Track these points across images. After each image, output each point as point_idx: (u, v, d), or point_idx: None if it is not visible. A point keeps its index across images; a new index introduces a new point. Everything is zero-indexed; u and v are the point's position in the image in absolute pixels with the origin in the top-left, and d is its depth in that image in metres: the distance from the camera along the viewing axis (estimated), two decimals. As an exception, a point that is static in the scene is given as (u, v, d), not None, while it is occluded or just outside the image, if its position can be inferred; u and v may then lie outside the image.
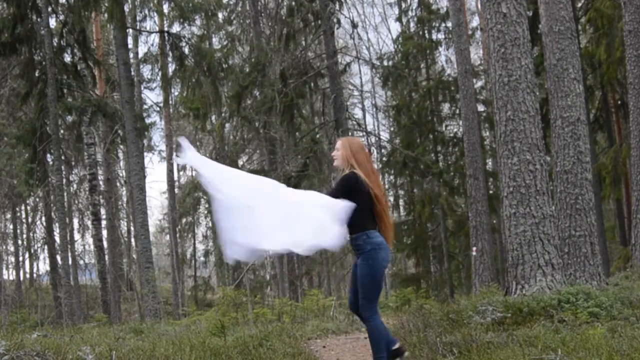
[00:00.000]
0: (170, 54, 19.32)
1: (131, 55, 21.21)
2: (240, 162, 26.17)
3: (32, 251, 29.77)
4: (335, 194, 4.43)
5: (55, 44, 17.21)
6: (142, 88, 25.45)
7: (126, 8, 18.03)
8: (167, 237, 31.84)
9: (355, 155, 4.61)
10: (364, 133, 26.12)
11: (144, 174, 18.10)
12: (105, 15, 17.94)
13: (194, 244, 31.05)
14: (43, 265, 39.49)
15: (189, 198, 27.50)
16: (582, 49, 17.73)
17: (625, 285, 8.85)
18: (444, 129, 24.09)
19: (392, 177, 25.52)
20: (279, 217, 4.33)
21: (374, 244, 4.48)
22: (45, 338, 6.18)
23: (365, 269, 4.49)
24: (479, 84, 23.54)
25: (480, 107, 21.92)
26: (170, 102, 23.18)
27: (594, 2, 18.40)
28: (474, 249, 15.54)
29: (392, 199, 27.12)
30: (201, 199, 28.09)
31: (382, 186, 4.71)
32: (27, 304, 24.63)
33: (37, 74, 17.43)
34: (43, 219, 26.09)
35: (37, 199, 25.67)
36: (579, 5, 20.17)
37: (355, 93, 30.85)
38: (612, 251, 22.28)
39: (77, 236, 26.88)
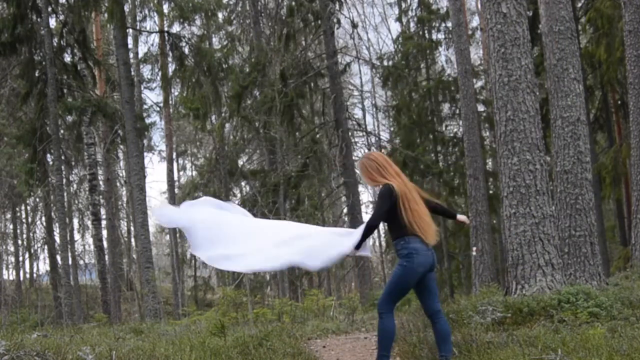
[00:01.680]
0: (170, 54, 19.33)
1: (131, 55, 21.21)
2: (240, 162, 26.17)
3: (32, 251, 29.77)
4: (378, 211, 4.70)
5: (55, 44, 17.21)
6: (142, 88, 25.46)
7: (126, 8, 18.03)
8: (167, 237, 31.84)
9: (374, 170, 4.80)
10: (364, 133, 26.15)
11: (144, 174, 18.11)
12: (105, 15, 17.95)
13: (194, 243, 30.99)
14: (43, 265, 39.54)
15: (188, 198, 27.45)
16: (582, 49, 17.72)
17: (625, 285, 8.85)
18: (444, 129, 24.09)
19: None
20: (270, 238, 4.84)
21: (411, 248, 4.63)
22: (45, 338, 6.18)
23: (398, 269, 4.69)
24: (479, 84, 23.53)
25: (480, 107, 21.92)
26: (170, 102, 23.18)
27: (594, 2, 18.39)
28: (474, 249, 15.54)
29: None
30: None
31: (411, 188, 4.81)
32: (27, 304, 24.63)
33: (37, 74, 17.43)
34: (43, 219, 26.09)
35: (37, 199, 25.67)
36: (579, 5, 20.16)
37: (355, 93, 30.86)
38: (612, 251, 22.28)
39: (77, 236, 26.91)
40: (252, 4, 22.73)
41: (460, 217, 5.08)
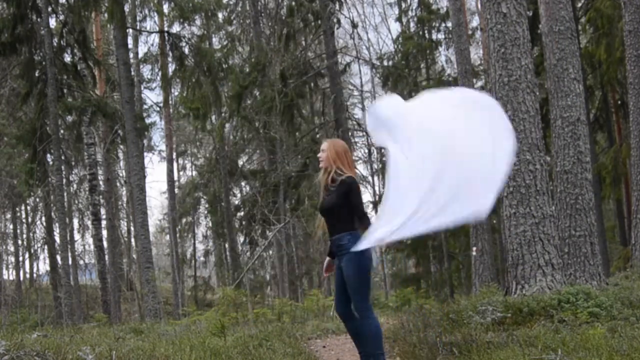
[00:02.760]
0: (170, 54, 19.31)
1: (131, 55, 21.20)
2: (240, 162, 26.19)
3: (32, 251, 29.77)
4: (357, 203, 4.57)
5: (55, 44, 17.20)
6: (142, 88, 25.45)
7: (126, 8, 18.02)
8: (167, 237, 31.86)
9: (341, 156, 4.69)
10: (364, 133, 26.14)
11: (144, 174, 18.10)
12: (105, 15, 17.93)
13: (194, 244, 31.07)
14: (43, 265, 39.51)
15: (189, 198, 27.53)
16: (582, 49, 17.72)
17: (625, 285, 8.85)
18: (444, 129, 24.06)
19: (392, 177, 25.48)
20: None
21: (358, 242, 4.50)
22: (45, 338, 6.17)
23: (352, 269, 4.52)
24: (479, 84, 23.52)
25: (480, 107, 21.87)
26: (170, 102, 23.17)
27: (594, 2, 18.39)
28: (474, 249, 15.53)
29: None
30: (201, 199, 28.11)
31: None
32: (27, 304, 24.62)
33: (37, 74, 17.41)
34: (43, 219, 26.10)
35: (37, 199, 25.66)
36: (579, 5, 20.16)
37: (355, 93, 30.84)
38: (612, 251, 22.27)
39: (77, 236, 26.89)
40: (252, 4, 22.72)
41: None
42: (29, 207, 28.97)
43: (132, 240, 26.90)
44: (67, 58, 18.32)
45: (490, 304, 6.90)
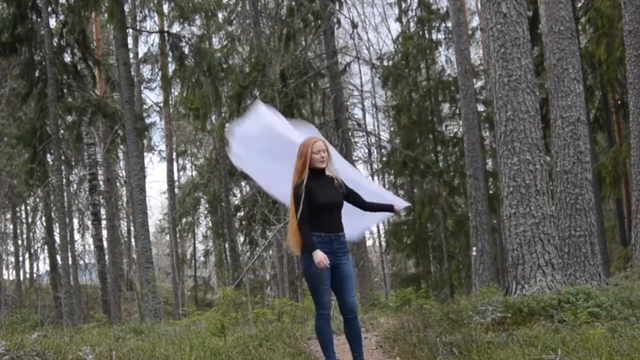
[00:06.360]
0: (170, 54, 19.32)
1: (131, 55, 21.20)
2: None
3: (32, 251, 29.79)
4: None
5: (55, 44, 17.20)
6: (142, 88, 25.46)
7: (126, 8, 18.02)
8: (167, 237, 31.86)
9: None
10: (364, 133, 26.14)
11: (144, 174, 18.10)
12: (105, 15, 17.94)
13: (194, 244, 31.07)
14: (43, 265, 39.50)
15: (189, 198, 27.51)
16: (582, 49, 17.71)
17: (625, 285, 8.84)
18: (444, 129, 24.09)
19: (392, 177, 25.51)
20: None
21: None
22: (45, 338, 6.17)
23: (352, 267, 4.61)
24: (479, 84, 23.52)
25: (480, 107, 21.90)
26: (170, 102, 23.16)
27: (594, 2, 18.38)
28: (474, 249, 15.54)
29: (392, 199, 27.08)
30: (201, 199, 28.11)
31: None
32: (27, 304, 24.62)
33: (37, 74, 17.42)
34: (43, 219, 26.09)
35: (37, 199, 25.67)
36: (579, 5, 20.15)
37: (355, 93, 30.84)
38: (612, 251, 22.26)
39: (77, 236, 26.88)
40: (252, 4, 22.71)
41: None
42: (29, 207, 28.98)
43: (132, 240, 26.90)
44: (67, 58, 18.32)
45: (490, 304, 6.90)
